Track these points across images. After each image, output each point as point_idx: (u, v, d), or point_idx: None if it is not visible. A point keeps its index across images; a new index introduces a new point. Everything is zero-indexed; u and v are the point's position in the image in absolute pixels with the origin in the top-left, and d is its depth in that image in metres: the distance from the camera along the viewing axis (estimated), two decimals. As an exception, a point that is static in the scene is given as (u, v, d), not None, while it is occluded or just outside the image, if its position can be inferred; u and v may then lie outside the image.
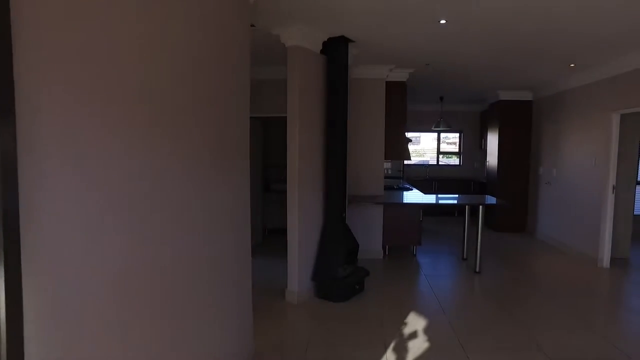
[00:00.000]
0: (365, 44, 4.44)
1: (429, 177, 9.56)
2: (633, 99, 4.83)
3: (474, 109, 9.65)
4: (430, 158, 10.09)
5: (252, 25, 3.86)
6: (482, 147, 9.14)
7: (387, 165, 9.44)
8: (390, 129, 5.74)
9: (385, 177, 9.14)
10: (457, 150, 10.05)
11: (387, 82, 5.64)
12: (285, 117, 4.02)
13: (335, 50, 4.22)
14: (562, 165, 6.47)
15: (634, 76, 4.81)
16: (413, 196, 5.84)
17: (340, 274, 4.13)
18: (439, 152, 10.02)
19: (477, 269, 5.09)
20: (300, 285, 4.12)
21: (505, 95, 7.46)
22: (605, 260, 5.41)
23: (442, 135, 10.00)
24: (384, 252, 5.86)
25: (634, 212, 5.83)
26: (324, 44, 4.19)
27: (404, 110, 5.82)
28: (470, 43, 4.33)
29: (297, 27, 3.79)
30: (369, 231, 5.68)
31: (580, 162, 5.95)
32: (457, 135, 9.98)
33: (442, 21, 3.61)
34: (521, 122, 7.55)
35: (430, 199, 5.58)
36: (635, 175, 5.75)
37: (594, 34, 4.00)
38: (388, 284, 4.71)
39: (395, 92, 5.73)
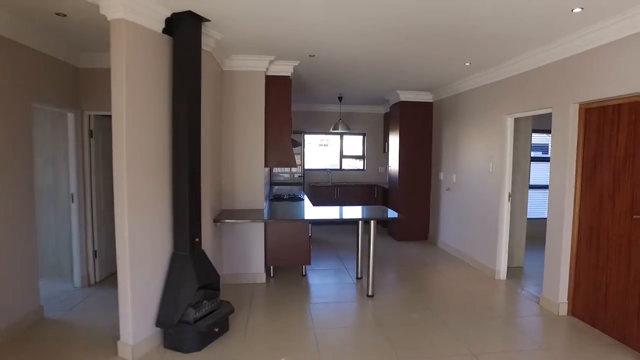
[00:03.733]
0: (226, 26, 3.58)
1: (331, 183, 8.95)
2: (525, 103, 4.53)
3: (378, 111, 9.25)
4: (332, 163, 9.48)
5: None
6: (385, 150, 8.75)
7: (295, 169, 8.69)
8: (273, 131, 4.92)
9: (284, 184, 8.42)
10: (361, 153, 9.57)
11: (267, 77, 4.82)
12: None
13: (183, 29, 3.28)
14: (461, 171, 6.15)
15: (523, 79, 4.51)
16: (301, 209, 5.07)
17: (192, 316, 3.22)
18: (341, 156, 9.46)
19: (370, 292, 4.47)
20: (138, 335, 3.13)
21: (405, 96, 7.04)
22: (503, 273, 5.12)
23: (350, 137, 9.45)
24: (268, 274, 5.04)
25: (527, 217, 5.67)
26: (168, 21, 3.25)
27: (289, 109, 5.02)
28: (356, 29, 3.65)
29: (118, -8, 2.81)
30: (248, 251, 4.82)
31: (478, 168, 5.64)
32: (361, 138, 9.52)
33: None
34: (422, 125, 7.20)
35: (318, 213, 4.85)
36: (528, 180, 5.56)
37: (484, 32, 3.56)
38: (262, 319, 3.87)
39: (278, 88, 4.92)
